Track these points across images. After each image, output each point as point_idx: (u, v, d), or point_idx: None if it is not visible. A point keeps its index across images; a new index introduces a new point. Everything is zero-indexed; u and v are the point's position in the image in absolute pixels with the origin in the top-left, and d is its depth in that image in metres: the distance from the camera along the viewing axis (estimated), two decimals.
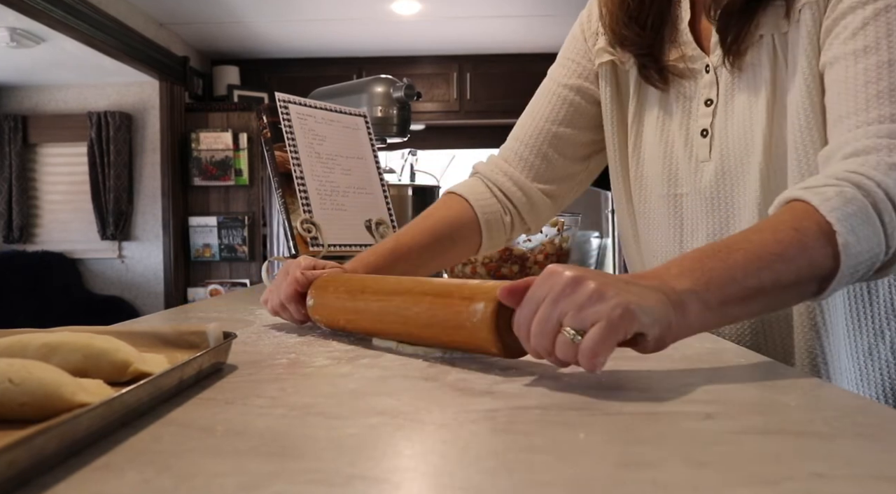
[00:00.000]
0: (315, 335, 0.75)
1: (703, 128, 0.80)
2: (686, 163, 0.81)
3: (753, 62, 0.75)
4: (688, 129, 0.81)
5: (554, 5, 4.14)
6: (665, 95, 0.84)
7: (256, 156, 4.55)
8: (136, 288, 4.85)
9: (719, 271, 0.52)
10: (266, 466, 0.33)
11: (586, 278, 0.47)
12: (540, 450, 0.36)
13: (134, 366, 0.48)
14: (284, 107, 1.23)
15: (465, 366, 0.56)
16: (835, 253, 0.54)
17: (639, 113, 0.87)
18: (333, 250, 1.19)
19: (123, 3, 3.95)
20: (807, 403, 0.45)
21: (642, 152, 0.87)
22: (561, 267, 0.49)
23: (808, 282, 0.55)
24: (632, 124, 0.88)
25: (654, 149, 0.85)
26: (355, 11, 4.24)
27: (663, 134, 0.84)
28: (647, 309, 0.47)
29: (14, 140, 4.78)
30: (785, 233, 0.55)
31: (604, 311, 0.45)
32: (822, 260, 0.54)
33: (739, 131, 0.76)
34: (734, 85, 0.77)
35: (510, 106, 5.10)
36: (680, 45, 0.81)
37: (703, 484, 0.31)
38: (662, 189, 0.84)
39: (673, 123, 0.83)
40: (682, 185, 0.82)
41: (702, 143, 0.80)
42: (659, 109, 0.84)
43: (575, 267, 0.49)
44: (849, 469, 0.33)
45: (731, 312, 0.54)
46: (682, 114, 0.82)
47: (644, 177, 0.87)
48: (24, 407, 0.38)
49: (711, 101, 0.79)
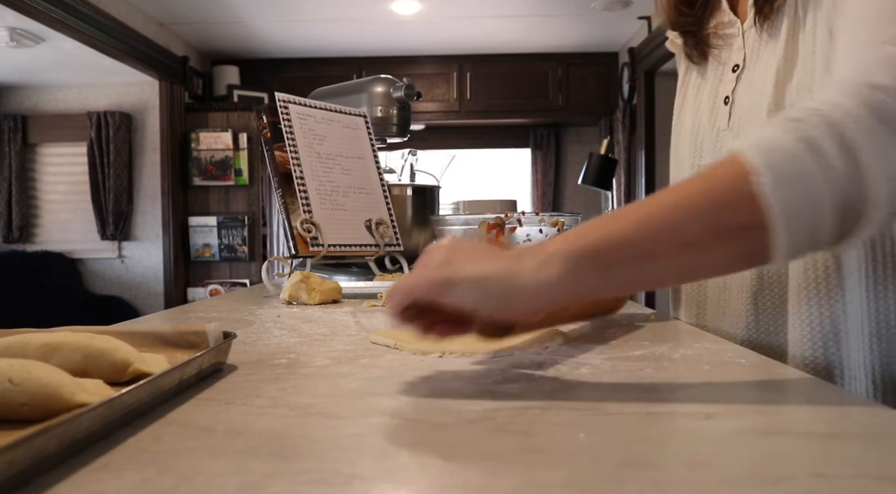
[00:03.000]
0: (315, 335, 0.75)
1: (726, 96, 0.80)
2: (709, 132, 0.82)
3: (777, 27, 0.75)
4: (715, 97, 0.82)
5: (554, 5, 4.14)
6: (704, 66, 0.86)
7: (256, 155, 4.55)
8: (135, 288, 4.85)
9: (608, 231, 0.48)
10: (266, 466, 0.33)
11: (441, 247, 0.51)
12: (540, 450, 0.36)
13: (134, 366, 0.48)
14: (284, 107, 1.23)
15: (465, 366, 0.56)
16: (754, 198, 0.44)
17: (684, 86, 0.90)
18: (333, 250, 1.18)
19: (123, 2, 3.95)
20: (807, 403, 0.45)
21: (680, 126, 0.89)
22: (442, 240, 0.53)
23: (730, 238, 0.46)
24: (678, 99, 0.90)
25: (687, 121, 0.87)
26: (355, 11, 4.24)
27: (695, 103, 0.86)
28: (466, 280, 0.48)
29: (14, 140, 4.78)
30: (694, 183, 0.48)
31: (420, 275, 0.50)
32: (737, 208, 0.45)
33: (754, 99, 0.76)
34: (759, 50, 0.77)
35: (510, 106, 5.10)
36: (718, 14, 0.83)
37: (703, 484, 0.31)
38: (690, 159, 0.86)
39: (705, 92, 0.85)
40: (705, 156, 0.83)
41: (723, 111, 0.80)
42: (697, 79, 0.87)
43: (458, 239, 0.53)
44: (849, 469, 0.33)
45: (622, 273, 0.47)
46: (713, 81, 0.83)
47: (679, 150, 0.89)
48: (24, 407, 0.38)
49: (738, 67, 0.79)
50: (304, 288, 1.04)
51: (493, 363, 0.58)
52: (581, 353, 0.61)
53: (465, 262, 0.49)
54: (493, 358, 0.60)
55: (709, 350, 0.64)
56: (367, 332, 0.75)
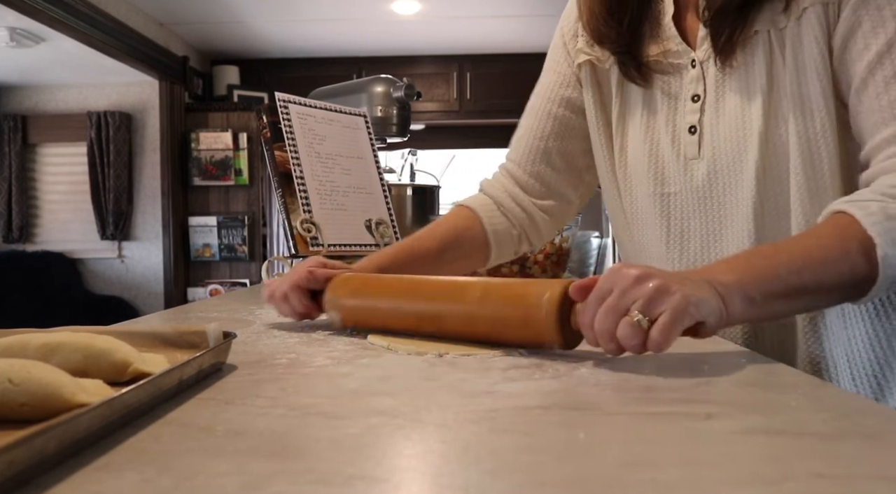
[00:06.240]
0: (315, 335, 0.75)
1: (692, 125, 0.78)
2: (674, 161, 0.80)
3: (746, 58, 0.74)
4: (674, 126, 0.80)
5: (554, 5, 4.14)
6: (649, 93, 0.82)
7: (256, 155, 4.55)
8: (135, 288, 4.85)
9: (764, 268, 0.58)
10: (266, 466, 0.33)
11: (652, 274, 0.54)
12: (540, 450, 0.36)
13: (134, 366, 0.48)
14: (284, 106, 1.23)
15: (465, 366, 0.56)
16: (874, 262, 0.58)
17: (623, 113, 0.85)
18: (333, 250, 1.19)
19: (123, 2, 3.95)
20: (807, 403, 0.45)
21: (628, 152, 0.85)
22: (627, 265, 0.55)
23: (848, 287, 0.60)
24: (616, 124, 0.86)
25: (639, 148, 0.83)
26: (355, 11, 4.24)
27: (648, 132, 0.83)
28: (705, 300, 0.53)
29: (14, 140, 4.78)
30: (828, 239, 0.61)
31: (672, 302, 0.52)
32: (861, 268, 0.59)
33: (732, 129, 0.75)
34: (724, 81, 0.76)
35: (510, 106, 5.08)
36: (662, 41, 0.80)
37: (703, 484, 0.31)
38: (649, 188, 0.83)
39: (658, 121, 0.82)
40: (670, 184, 0.81)
41: (690, 140, 0.78)
42: (643, 107, 0.83)
43: (640, 265, 0.56)
44: (849, 469, 0.33)
45: (773, 307, 0.59)
46: (667, 110, 0.81)
47: (630, 177, 0.86)
48: (24, 407, 0.38)
49: (699, 97, 0.78)
50: None
51: (493, 363, 0.58)
52: (581, 353, 0.61)
53: (685, 285, 0.53)
54: (492, 358, 0.60)
55: (709, 350, 0.64)
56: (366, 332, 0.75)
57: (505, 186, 0.97)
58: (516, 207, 0.95)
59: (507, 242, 0.96)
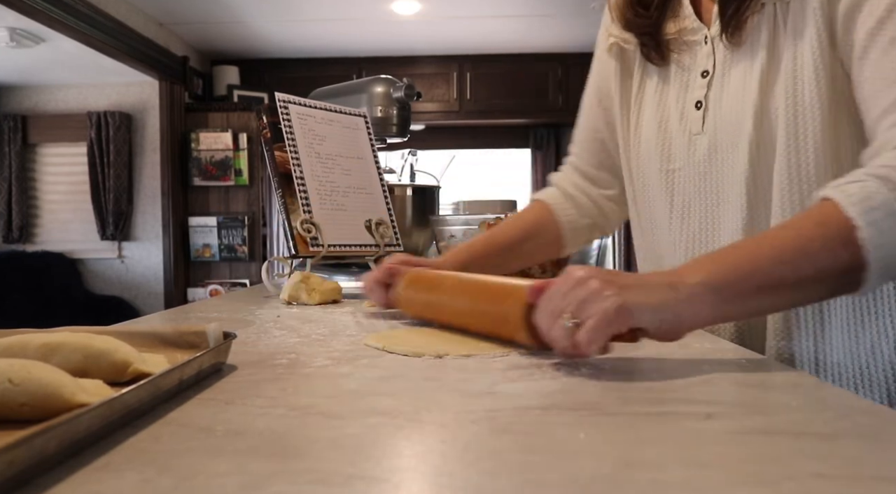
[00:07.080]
0: (315, 335, 0.75)
1: (698, 100, 0.79)
2: (680, 136, 0.81)
3: (752, 34, 0.74)
4: (684, 102, 0.81)
5: (554, 5, 4.14)
6: (665, 71, 0.84)
7: (256, 156, 4.55)
8: (135, 288, 4.85)
9: (736, 265, 0.57)
10: (266, 466, 0.33)
11: (591, 277, 0.53)
12: (540, 450, 0.36)
13: (134, 366, 0.48)
14: (284, 107, 1.23)
15: (465, 366, 0.56)
16: (856, 246, 0.55)
17: (640, 90, 0.88)
18: (333, 250, 1.19)
19: (123, 2, 3.95)
20: (807, 403, 0.45)
21: (642, 130, 0.87)
22: (577, 268, 0.55)
23: (836, 277, 0.57)
24: (634, 102, 0.88)
25: (651, 126, 0.85)
26: (355, 11, 4.24)
27: (660, 108, 0.84)
28: (644, 306, 0.52)
29: (14, 140, 4.78)
30: (807, 229, 0.58)
31: (601, 307, 0.51)
32: (844, 255, 0.56)
33: (732, 102, 0.75)
34: (732, 55, 0.76)
35: (510, 106, 5.10)
36: (680, 19, 0.82)
37: (703, 484, 0.31)
38: (657, 164, 0.84)
39: (670, 98, 0.83)
40: (675, 160, 0.82)
41: (695, 116, 0.79)
42: (658, 83, 0.85)
43: (593, 268, 0.56)
44: (849, 470, 0.33)
45: (752, 303, 0.57)
46: (679, 86, 0.82)
47: (641, 154, 0.87)
48: (24, 407, 0.38)
49: (707, 72, 0.79)
50: (303, 289, 1.04)
51: (492, 363, 0.58)
52: None
53: (629, 290, 0.53)
54: (492, 358, 0.60)
55: (709, 350, 0.64)
56: (367, 332, 0.75)
57: (571, 179, 1.03)
58: (583, 197, 1.01)
59: (579, 231, 1.02)
